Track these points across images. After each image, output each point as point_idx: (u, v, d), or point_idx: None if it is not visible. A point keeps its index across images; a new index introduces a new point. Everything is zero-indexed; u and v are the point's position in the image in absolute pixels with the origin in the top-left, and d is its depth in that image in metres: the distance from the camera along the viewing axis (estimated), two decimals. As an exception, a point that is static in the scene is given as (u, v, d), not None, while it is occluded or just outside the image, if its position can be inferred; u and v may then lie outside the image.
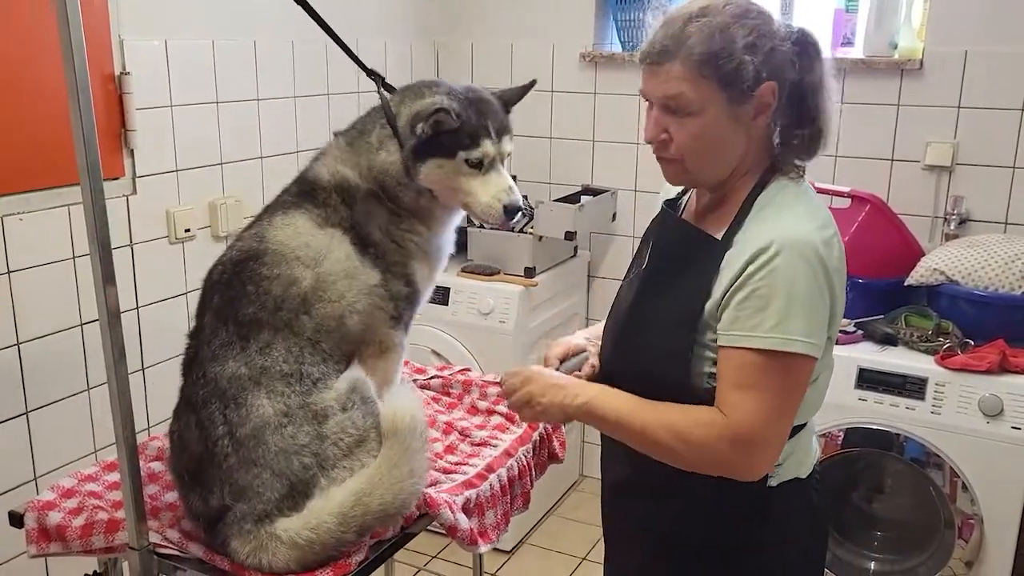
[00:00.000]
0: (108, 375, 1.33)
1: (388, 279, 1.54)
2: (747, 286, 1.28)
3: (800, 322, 1.26)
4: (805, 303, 1.26)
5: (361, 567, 1.38)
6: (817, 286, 1.27)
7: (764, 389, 1.27)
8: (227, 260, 1.52)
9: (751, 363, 1.27)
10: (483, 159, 1.52)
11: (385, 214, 1.55)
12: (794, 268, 1.26)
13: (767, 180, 1.37)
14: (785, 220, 1.31)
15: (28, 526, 1.50)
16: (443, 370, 2.12)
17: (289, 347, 1.44)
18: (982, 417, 2.37)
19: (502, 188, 1.54)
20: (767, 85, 1.30)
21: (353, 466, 1.42)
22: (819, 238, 1.29)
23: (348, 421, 1.44)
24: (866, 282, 2.68)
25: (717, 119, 1.32)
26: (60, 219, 2.22)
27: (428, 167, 1.51)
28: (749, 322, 1.27)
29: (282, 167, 2.88)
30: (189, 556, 1.38)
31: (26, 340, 2.18)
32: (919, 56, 2.90)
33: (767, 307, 1.26)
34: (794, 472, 1.43)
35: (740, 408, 1.27)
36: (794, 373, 1.29)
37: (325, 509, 1.36)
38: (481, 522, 1.59)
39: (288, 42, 2.85)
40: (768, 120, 1.34)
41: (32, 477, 2.23)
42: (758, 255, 1.27)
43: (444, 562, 3.13)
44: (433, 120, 1.48)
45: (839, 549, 2.67)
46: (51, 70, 2.10)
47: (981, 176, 2.88)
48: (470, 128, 1.51)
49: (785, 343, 1.26)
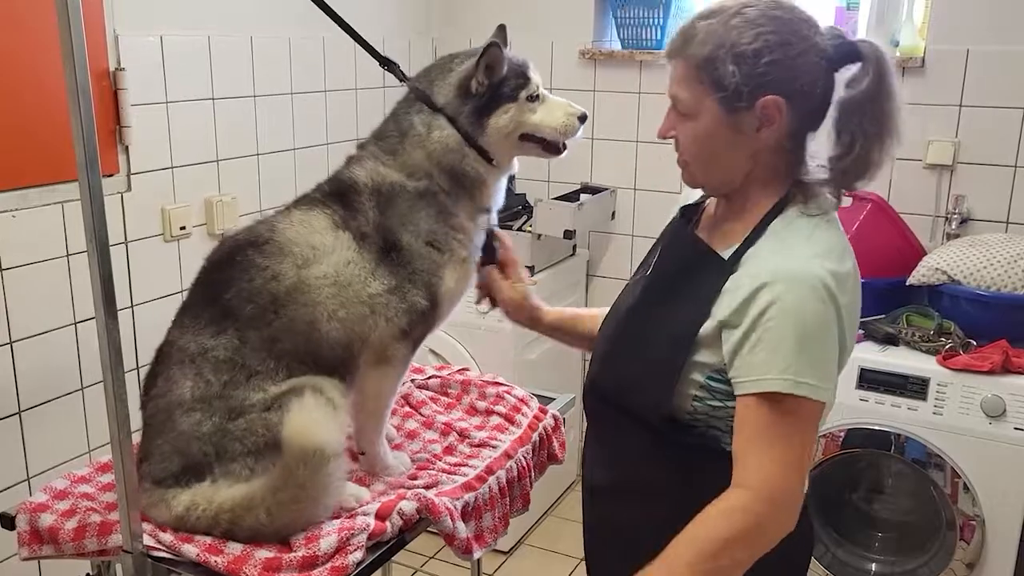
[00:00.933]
0: (104, 376, 1.31)
1: (407, 288, 1.50)
2: (756, 329, 1.20)
3: (810, 364, 1.19)
4: (814, 344, 1.19)
5: (359, 569, 1.36)
6: (827, 326, 1.20)
7: (779, 439, 1.20)
8: (233, 240, 1.53)
9: (765, 413, 1.20)
10: (538, 90, 1.59)
11: (433, 213, 1.53)
12: (802, 308, 1.18)
13: (786, 204, 1.29)
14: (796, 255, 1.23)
15: (20, 528, 1.48)
16: (441, 370, 2.10)
17: (242, 337, 1.44)
18: (984, 418, 2.35)
19: (564, 106, 1.61)
20: (770, 99, 1.22)
21: (256, 467, 1.40)
22: (827, 271, 1.20)
23: (261, 422, 1.41)
24: (867, 281, 2.59)
25: (713, 126, 1.26)
26: (54, 216, 2.19)
27: (497, 118, 1.54)
28: (760, 370, 1.20)
29: (279, 165, 2.86)
30: (183, 559, 1.36)
31: (19, 339, 2.15)
32: (921, 54, 2.88)
33: (774, 351, 1.19)
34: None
35: (758, 468, 1.20)
36: (806, 418, 1.22)
37: (207, 498, 1.39)
38: (479, 525, 1.57)
39: (285, 38, 2.83)
40: (777, 135, 1.26)
41: (24, 478, 2.21)
42: (759, 293, 1.20)
43: (442, 563, 3.11)
44: (485, 65, 1.51)
45: (839, 550, 2.66)
46: (46, 66, 2.08)
47: (983, 175, 2.86)
48: (515, 68, 1.56)
49: (796, 386, 1.18)
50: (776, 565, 1.37)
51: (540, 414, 1.88)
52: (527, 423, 1.84)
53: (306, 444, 1.33)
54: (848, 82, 1.25)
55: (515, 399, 1.92)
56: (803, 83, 1.23)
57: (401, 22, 3.39)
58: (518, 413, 1.87)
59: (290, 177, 2.90)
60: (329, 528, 1.37)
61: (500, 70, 1.53)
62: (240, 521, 1.37)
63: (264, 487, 1.37)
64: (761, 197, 1.31)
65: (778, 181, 1.31)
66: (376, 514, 1.42)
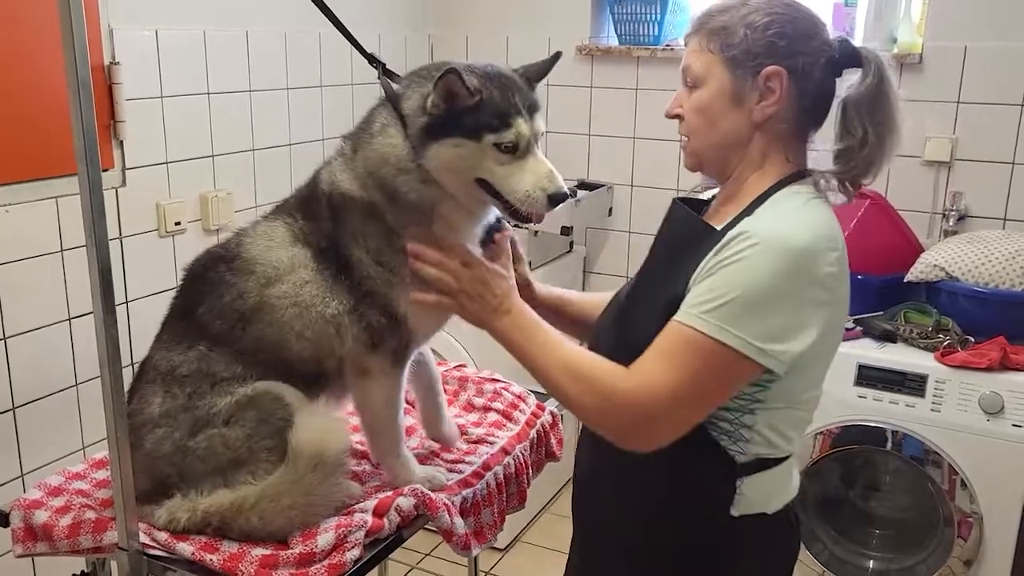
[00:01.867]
0: (102, 372, 1.30)
1: (362, 309, 1.40)
2: (713, 273, 1.21)
3: (750, 319, 1.18)
4: (764, 301, 1.18)
5: (357, 566, 1.35)
6: (789, 290, 1.19)
7: (682, 367, 1.20)
8: (211, 252, 1.51)
9: (682, 336, 1.20)
10: (518, 142, 1.33)
11: (381, 232, 1.39)
12: (767, 263, 1.18)
13: (784, 185, 1.31)
14: (776, 216, 1.25)
15: (14, 525, 1.47)
16: (439, 366, 2.08)
17: (209, 348, 1.43)
18: (982, 415, 2.35)
19: (543, 174, 1.35)
20: (773, 68, 1.27)
21: (219, 483, 1.39)
22: (809, 244, 1.20)
23: (219, 439, 1.38)
24: (865, 278, 2.65)
25: (718, 92, 1.30)
26: (48, 211, 2.18)
27: (440, 147, 1.32)
28: (700, 305, 1.20)
29: (274, 160, 2.85)
30: (178, 557, 1.35)
31: (13, 335, 2.14)
32: (918, 51, 2.88)
33: (719, 290, 1.19)
34: (761, 507, 1.33)
35: (648, 371, 1.21)
36: (721, 367, 1.20)
37: (187, 508, 1.38)
38: (478, 520, 1.56)
39: (280, 33, 2.81)
40: (776, 110, 1.29)
41: (19, 474, 2.19)
42: (732, 240, 1.21)
43: (438, 560, 3.11)
44: (441, 87, 1.29)
45: (837, 547, 2.66)
46: (41, 60, 2.06)
47: (980, 172, 2.86)
48: (496, 106, 1.32)
49: (720, 331, 1.18)
50: (765, 557, 1.39)
51: (538, 411, 1.87)
52: (525, 420, 1.83)
53: (318, 450, 1.35)
54: (851, 86, 1.29)
55: (512, 396, 1.91)
56: (806, 62, 1.28)
57: (397, 18, 3.37)
58: (516, 410, 1.87)
59: (285, 172, 2.89)
60: (326, 525, 1.36)
61: (463, 99, 1.30)
62: (231, 523, 1.36)
63: (258, 493, 1.36)
64: (758, 180, 1.32)
65: (775, 168, 1.33)
66: (373, 511, 1.40)
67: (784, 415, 1.30)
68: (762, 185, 1.31)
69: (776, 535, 1.39)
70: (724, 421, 1.28)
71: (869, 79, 1.27)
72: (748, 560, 1.36)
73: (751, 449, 1.29)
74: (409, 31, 3.45)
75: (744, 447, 1.29)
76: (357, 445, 1.70)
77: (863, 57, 1.29)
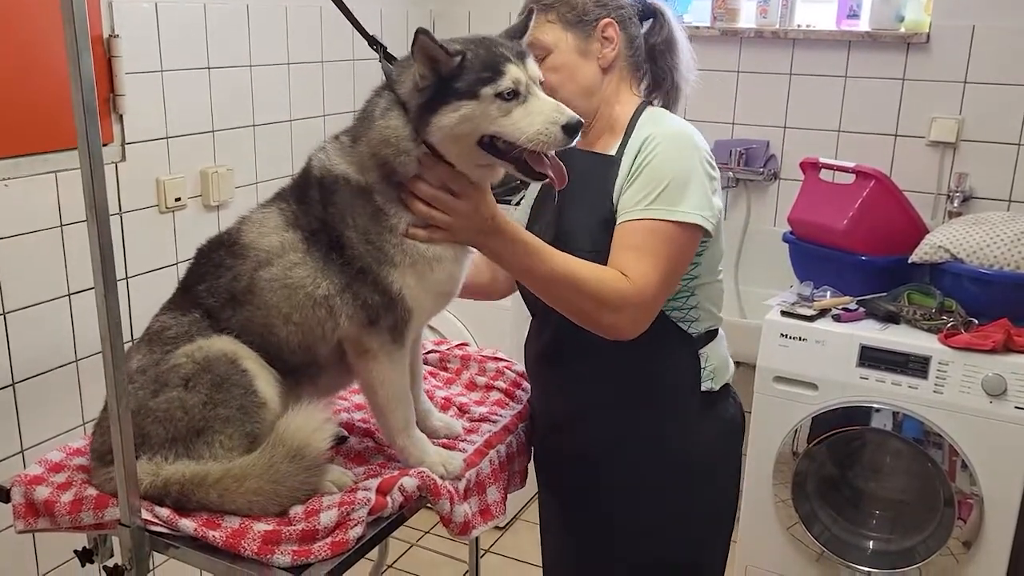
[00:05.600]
0: (103, 348, 1.29)
1: (356, 287, 1.41)
2: (639, 174, 1.49)
3: (684, 196, 1.46)
4: (687, 180, 1.47)
5: (359, 544, 1.34)
6: (701, 165, 1.49)
7: (656, 255, 1.45)
8: (218, 236, 1.53)
9: (644, 230, 1.46)
10: (517, 86, 1.32)
11: (370, 212, 1.39)
12: (677, 151, 1.49)
13: (641, 110, 1.60)
14: (661, 123, 1.56)
15: (15, 501, 1.46)
16: (440, 344, 2.08)
17: (204, 316, 1.46)
18: (985, 396, 2.34)
19: (551, 108, 1.33)
20: (606, 20, 1.58)
21: (181, 453, 1.38)
22: (693, 133, 1.53)
23: (178, 403, 1.38)
24: (869, 259, 2.64)
25: (568, 52, 1.57)
26: (47, 185, 2.16)
27: (440, 117, 1.32)
28: (643, 201, 1.47)
29: (275, 136, 2.82)
30: (180, 534, 1.34)
31: (12, 310, 2.13)
32: (926, 30, 2.85)
33: (652, 184, 1.47)
34: (722, 378, 1.66)
35: (635, 268, 1.43)
36: (683, 242, 1.48)
37: (151, 471, 1.38)
38: (482, 499, 1.56)
39: (282, 7, 2.78)
40: (616, 54, 1.59)
41: (19, 450, 2.19)
42: (642, 147, 1.50)
43: (438, 537, 3.11)
44: (418, 52, 1.30)
45: (836, 528, 2.66)
46: (42, 33, 2.04)
47: (986, 153, 2.84)
48: (483, 60, 1.33)
49: (671, 212, 1.45)
50: (727, 427, 1.71)
51: (541, 389, 1.86)
52: (527, 398, 1.83)
53: (300, 443, 1.35)
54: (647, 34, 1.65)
55: (515, 374, 1.90)
56: (626, 13, 1.62)
57: (399, -8, 3.34)
58: (518, 388, 1.86)
59: (286, 148, 2.86)
60: (329, 502, 1.36)
61: (445, 63, 1.32)
62: (189, 495, 1.36)
63: (223, 470, 1.36)
64: (621, 111, 1.61)
65: (630, 99, 1.63)
66: (377, 489, 1.40)
67: (710, 290, 1.62)
68: (627, 113, 1.60)
69: (732, 405, 1.71)
70: (676, 309, 1.59)
71: (664, 27, 1.64)
72: (717, 435, 1.68)
73: (699, 325, 1.61)
74: (411, 6, 3.42)
75: (695, 325, 1.61)
76: (359, 423, 1.70)
77: (656, 9, 1.65)
